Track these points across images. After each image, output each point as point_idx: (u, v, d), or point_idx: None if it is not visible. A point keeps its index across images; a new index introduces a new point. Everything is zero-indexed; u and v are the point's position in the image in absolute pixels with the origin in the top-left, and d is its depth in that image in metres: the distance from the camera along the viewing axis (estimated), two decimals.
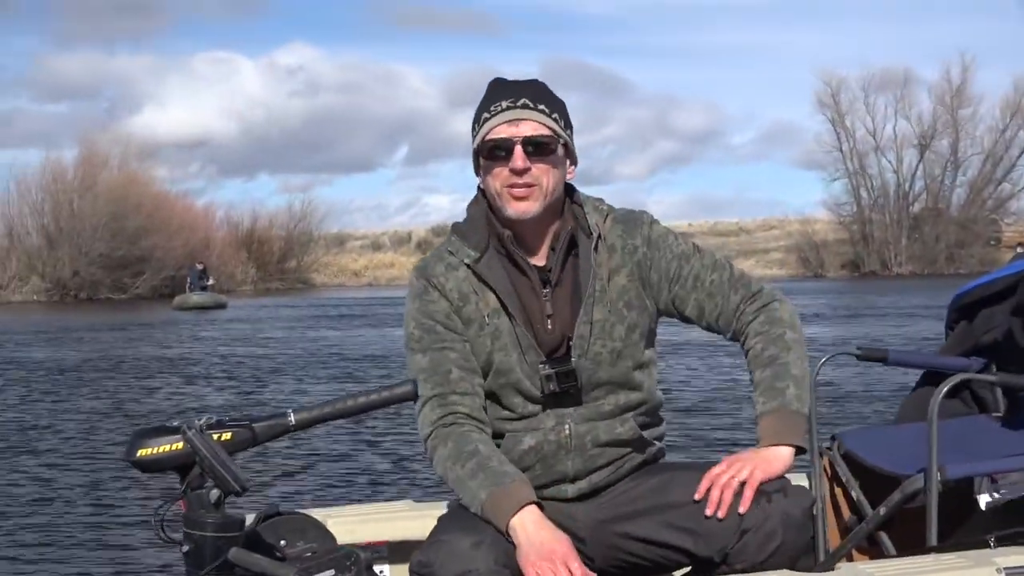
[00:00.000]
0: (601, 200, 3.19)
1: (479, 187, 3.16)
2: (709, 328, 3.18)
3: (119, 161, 61.80)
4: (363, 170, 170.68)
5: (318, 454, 11.01)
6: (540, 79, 3.18)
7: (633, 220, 3.16)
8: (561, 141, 3.07)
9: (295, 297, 55.75)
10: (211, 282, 48.95)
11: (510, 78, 3.16)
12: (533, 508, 2.87)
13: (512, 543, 2.85)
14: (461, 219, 3.20)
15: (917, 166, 70.52)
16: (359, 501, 8.09)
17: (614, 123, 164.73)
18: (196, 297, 45.24)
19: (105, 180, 59.15)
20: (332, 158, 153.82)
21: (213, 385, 17.70)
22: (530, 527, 2.83)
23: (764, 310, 3.12)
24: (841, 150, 70.88)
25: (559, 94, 3.17)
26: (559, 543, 2.81)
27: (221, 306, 43.93)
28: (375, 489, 9.33)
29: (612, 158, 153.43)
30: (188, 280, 48.77)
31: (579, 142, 3.17)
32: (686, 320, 3.18)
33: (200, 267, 49.68)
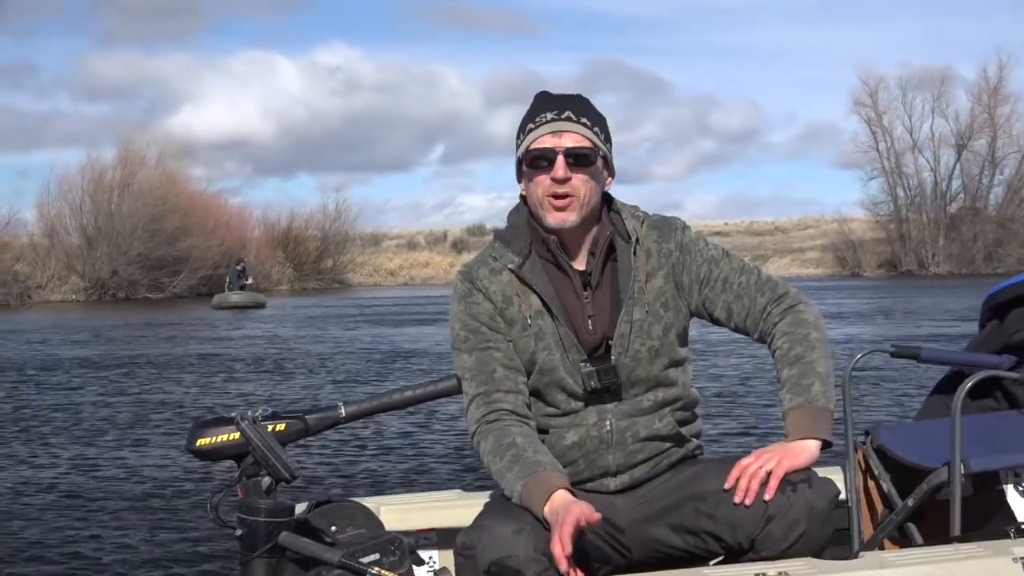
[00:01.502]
0: (637, 207, 3.32)
1: (521, 195, 3.29)
2: (737, 329, 3.29)
3: (157, 161, 62.23)
4: (400, 169, 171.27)
5: (371, 446, 11.27)
6: (579, 79, 3.37)
7: (667, 226, 3.29)
8: (600, 153, 3.20)
9: (332, 296, 56.03)
10: (250, 281, 49.11)
11: (554, 90, 3.29)
12: (562, 492, 2.99)
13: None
14: (499, 221, 3.35)
15: (954, 165, 70.30)
16: (410, 490, 8.28)
17: (652, 123, 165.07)
18: (235, 296, 45.39)
19: (143, 180, 59.56)
20: (369, 157, 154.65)
21: (260, 381, 17.97)
22: (558, 510, 2.94)
23: (790, 312, 3.23)
24: (878, 149, 70.80)
25: (597, 94, 3.32)
26: (564, 517, 2.89)
27: (260, 305, 44.09)
28: (426, 479, 9.54)
29: (649, 158, 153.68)
30: (227, 279, 48.92)
31: (617, 141, 3.30)
32: (715, 322, 3.30)
33: (239, 267, 49.83)
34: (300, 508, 2.80)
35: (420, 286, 70.90)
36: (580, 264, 3.23)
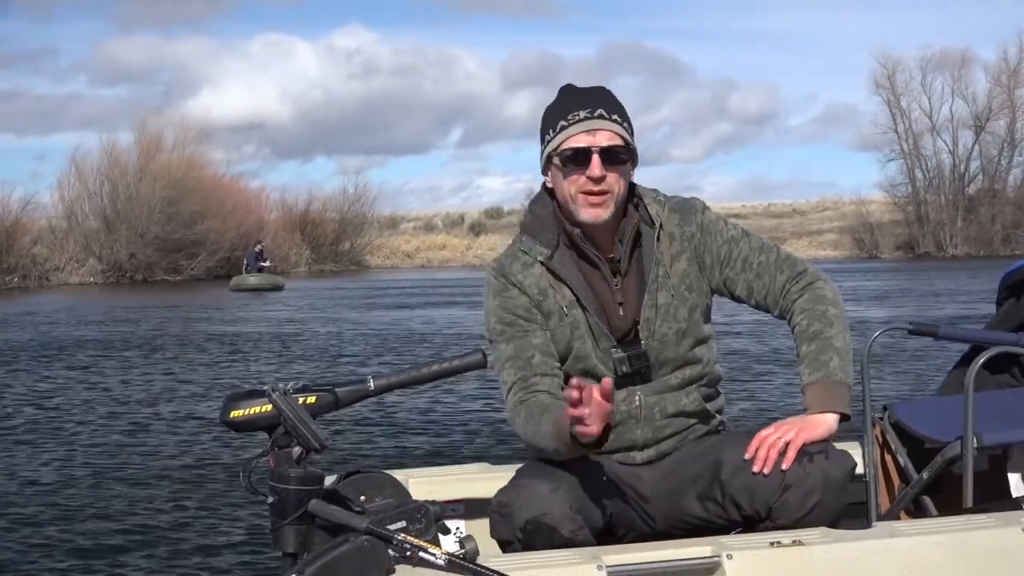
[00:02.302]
0: (657, 191, 3.41)
1: (544, 186, 3.37)
2: (758, 306, 3.38)
3: (174, 144, 62.27)
4: (417, 152, 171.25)
5: (400, 420, 11.51)
6: (597, 61, 3.44)
7: (688, 208, 3.37)
8: (631, 149, 3.27)
9: (350, 279, 56.15)
10: (267, 263, 48.77)
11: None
12: None
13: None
14: (517, 204, 3.47)
15: (973, 147, 70.02)
16: (437, 463, 8.45)
17: (670, 105, 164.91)
18: (253, 279, 45.13)
19: (161, 163, 59.59)
20: (387, 140, 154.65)
21: (280, 359, 18.17)
22: None
23: (809, 289, 3.32)
24: (896, 131, 70.47)
25: (616, 77, 3.43)
26: None
27: (278, 288, 43.88)
28: (453, 452, 9.76)
29: (667, 140, 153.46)
30: (245, 261, 48.75)
31: (635, 124, 3.36)
32: (736, 299, 3.39)
33: (258, 248, 49.48)
34: (331, 479, 2.89)
35: (437, 268, 71.02)
36: (607, 252, 3.32)
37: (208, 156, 66.16)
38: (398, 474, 3.30)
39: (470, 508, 3.65)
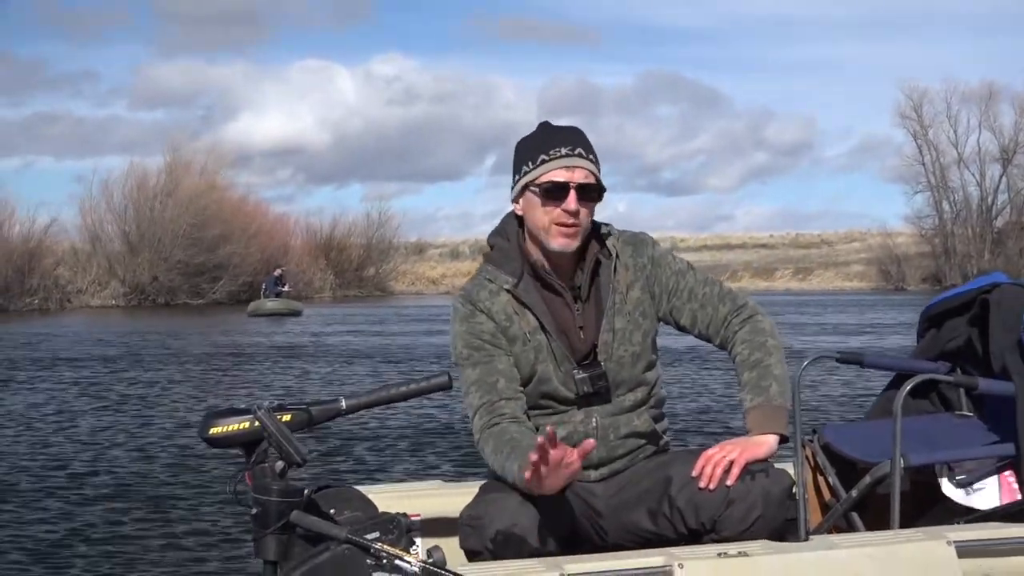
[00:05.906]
0: (610, 225, 3.68)
1: (510, 215, 3.63)
2: (700, 336, 3.65)
3: (203, 168, 62.57)
4: (452, 179, 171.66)
5: (358, 437, 11.81)
6: (635, 91, 3.68)
7: (640, 242, 3.65)
8: (601, 188, 3.53)
9: (371, 304, 56.31)
10: (286, 288, 48.43)
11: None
12: None
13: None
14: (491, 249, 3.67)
15: (1000, 179, 69.90)
16: (395, 480, 8.72)
17: (707, 134, 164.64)
18: (270, 304, 45.01)
19: (186, 187, 59.87)
20: (422, 167, 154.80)
21: (275, 380, 18.59)
22: None
23: (749, 321, 3.59)
24: (923, 163, 70.41)
25: (653, 106, 3.66)
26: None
27: (296, 313, 43.74)
28: (409, 469, 10.01)
29: (702, 169, 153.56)
30: (263, 286, 48.50)
31: (671, 153, 3.63)
32: (681, 329, 3.66)
33: (278, 273, 49.30)
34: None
35: None
36: (568, 280, 3.56)
37: (236, 180, 66.49)
38: (359, 490, 3.51)
39: (427, 525, 3.81)
